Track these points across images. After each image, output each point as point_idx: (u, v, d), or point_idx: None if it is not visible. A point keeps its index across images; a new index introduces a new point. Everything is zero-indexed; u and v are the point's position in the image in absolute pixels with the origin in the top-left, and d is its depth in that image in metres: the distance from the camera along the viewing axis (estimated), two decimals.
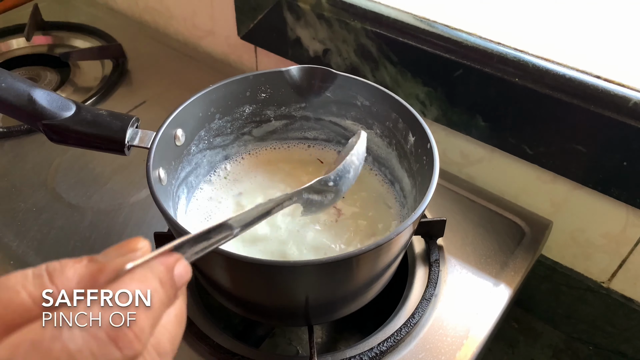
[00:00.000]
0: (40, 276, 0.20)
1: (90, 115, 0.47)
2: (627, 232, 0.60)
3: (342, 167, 0.45)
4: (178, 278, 0.23)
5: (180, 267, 0.23)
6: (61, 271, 0.20)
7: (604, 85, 0.52)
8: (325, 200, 0.45)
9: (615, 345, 0.70)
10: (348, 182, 0.46)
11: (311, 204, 0.44)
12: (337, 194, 0.45)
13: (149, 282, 0.21)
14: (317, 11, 0.68)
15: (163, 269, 0.22)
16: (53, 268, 0.20)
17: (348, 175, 0.45)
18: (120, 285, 0.20)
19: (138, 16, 1.02)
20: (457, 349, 0.52)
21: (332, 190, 0.45)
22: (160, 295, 0.21)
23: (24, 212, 0.64)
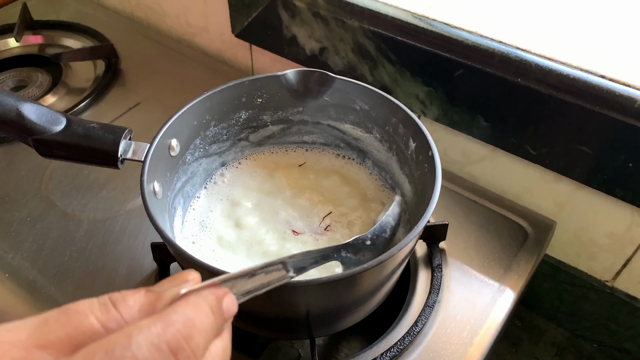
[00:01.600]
0: (105, 304, 0.22)
1: (82, 129, 0.45)
2: (632, 232, 0.60)
3: (379, 227, 0.47)
4: (226, 310, 0.25)
5: (228, 300, 0.25)
6: (123, 300, 0.23)
7: (609, 85, 0.51)
8: (362, 258, 0.45)
9: (619, 343, 0.70)
10: (385, 242, 0.47)
11: (350, 262, 0.44)
12: (375, 253, 0.45)
13: (201, 307, 0.23)
14: (313, 9, 0.66)
15: (213, 298, 0.24)
16: (116, 298, 0.23)
17: (385, 235, 0.47)
18: (176, 307, 0.22)
19: (130, 13, 1.00)
20: (462, 357, 0.51)
21: (369, 249, 0.45)
22: (210, 321, 0.23)
23: (18, 223, 0.63)
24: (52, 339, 0.21)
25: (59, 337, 0.21)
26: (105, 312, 0.22)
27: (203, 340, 0.22)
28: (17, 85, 0.86)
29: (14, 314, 0.55)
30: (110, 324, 0.22)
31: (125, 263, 0.59)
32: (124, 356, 0.20)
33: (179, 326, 0.21)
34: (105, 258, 0.59)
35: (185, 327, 0.22)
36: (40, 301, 0.56)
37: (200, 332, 0.22)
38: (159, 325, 0.21)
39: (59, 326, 0.21)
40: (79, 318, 0.22)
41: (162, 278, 0.55)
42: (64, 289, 0.57)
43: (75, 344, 0.21)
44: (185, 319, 0.22)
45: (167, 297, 0.23)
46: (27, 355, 0.20)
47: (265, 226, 0.53)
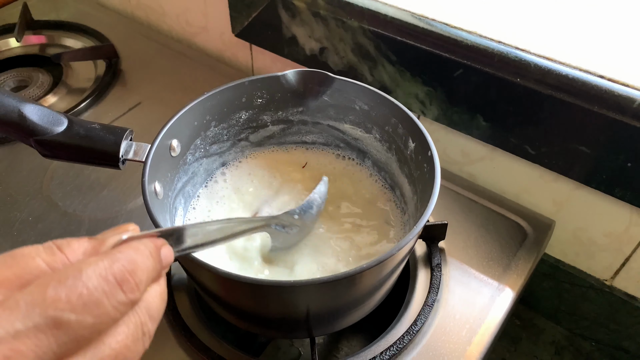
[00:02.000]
0: (50, 247, 0.24)
1: (83, 130, 0.46)
2: (630, 231, 0.60)
3: (307, 203, 0.49)
4: (164, 257, 0.26)
5: (166, 250, 0.27)
6: (68, 244, 0.24)
7: (607, 85, 0.51)
8: (290, 232, 0.47)
9: (617, 342, 0.70)
10: (312, 218, 0.50)
11: (278, 235, 0.47)
12: (302, 228, 0.49)
13: (142, 251, 0.25)
14: (313, 9, 0.66)
15: (152, 245, 0.26)
16: (60, 242, 0.24)
17: (311, 211, 0.49)
18: (120, 248, 0.24)
19: (130, 12, 1.00)
20: (461, 356, 0.52)
21: (296, 223, 0.47)
22: (150, 262, 0.25)
23: (20, 222, 0.64)
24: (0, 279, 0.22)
25: (7, 276, 0.22)
26: (51, 254, 0.23)
27: (144, 277, 0.24)
28: (18, 85, 0.86)
29: None
30: (56, 264, 0.23)
31: None
32: (75, 285, 0.21)
33: (124, 262, 0.23)
34: None
35: (129, 263, 0.23)
36: None
37: (142, 270, 0.24)
38: (105, 261, 0.23)
39: (6, 267, 0.22)
40: (26, 260, 0.23)
41: None
42: None
43: (23, 283, 0.22)
44: (129, 257, 0.24)
45: (109, 242, 0.25)
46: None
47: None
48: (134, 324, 0.24)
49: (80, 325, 0.21)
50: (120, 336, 0.23)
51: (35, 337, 0.20)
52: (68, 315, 0.21)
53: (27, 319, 0.20)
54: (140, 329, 0.24)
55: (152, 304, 0.25)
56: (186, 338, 0.52)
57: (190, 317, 0.54)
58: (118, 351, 0.23)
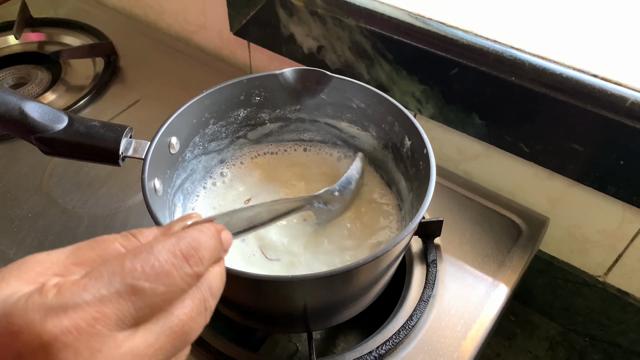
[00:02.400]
0: (125, 235, 0.27)
1: (83, 127, 0.46)
2: (623, 228, 0.61)
3: (345, 179, 0.50)
4: (224, 240, 0.29)
5: (225, 234, 0.29)
6: (140, 232, 0.27)
7: (601, 84, 0.52)
8: (333, 208, 0.49)
9: (611, 337, 0.71)
10: (351, 193, 0.52)
11: (321, 212, 0.49)
12: (343, 203, 0.51)
13: (206, 232, 0.27)
14: (311, 8, 0.67)
15: (214, 229, 0.28)
16: (134, 231, 0.27)
17: (350, 187, 0.51)
18: (186, 230, 0.27)
19: (128, 10, 1.01)
20: (456, 350, 0.52)
21: (338, 199, 0.50)
22: (213, 242, 0.27)
23: (20, 219, 0.64)
24: (85, 259, 0.25)
25: (91, 257, 0.25)
26: (127, 240, 0.27)
27: (207, 254, 0.26)
28: (17, 82, 0.86)
29: None
30: (131, 247, 0.26)
31: None
32: (148, 258, 0.24)
33: (189, 240, 0.26)
34: None
35: (194, 241, 0.26)
36: None
37: (205, 248, 0.26)
38: (173, 239, 0.25)
39: (89, 249, 0.26)
40: (106, 244, 0.26)
41: None
42: None
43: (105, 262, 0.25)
44: (194, 236, 0.26)
45: (176, 227, 0.28)
46: (65, 270, 0.25)
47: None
48: (198, 299, 0.26)
49: (153, 292, 0.23)
50: (187, 309, 0.25)
51: (117, 301, 0.23)
52: (143, 283, 0.23)
53: (110, 286, 0.23)
54: (203, 304, 0.26)
55: (213, 282, 0.27)
56: None
57: None
58: (184, 322, 0.25)
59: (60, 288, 0.23)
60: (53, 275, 0.24)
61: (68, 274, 0.24)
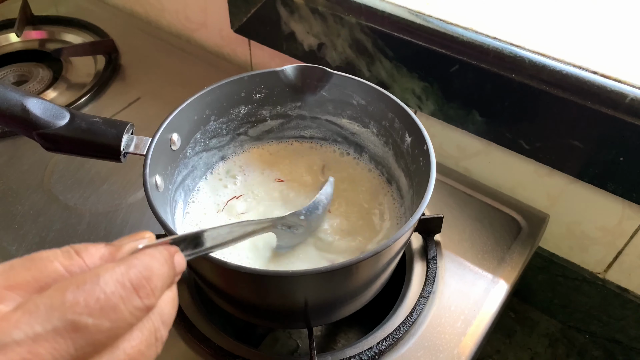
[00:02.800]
0: (68, 252, 0.24)
1: (85, 124, 0.46)
2: (622, 225, 0.61)
3: (312, 204, 0.49)
4: (177, 264, 0.27)
5: (179, 257, 0.27)
6: (85, 249, 0.25)
7: (600, 81, 0.52)
8: (296, 233, 0.48)
9: (610, 334, 0.72)
10: (317, 218, 0.50)
11: (283, 235, 0.47)
12: (308, 228, 0.50)
13: (157, 258, 0.25)
14: (311, 5, 0.67)
15: (167, 252, 0.26)
16: (78, 247, 0.25)
17: (317, 212, 0.50)
18: (137, 255, 0.25)
19: (129, 8, 1.01)
20: (455, 346, 0.53)
21: (302, 223, 0.48)
22: (165, 269, 0.25)
23: (21, 216, 0.64)
24: (19, 281, 0.22)
25: (26, 279, 0.23)
26: (68, 259, 0.24)
27: (160, 283, 0.24)
28: (18, 80, 0.87)
29: None
30: (73, 268, 0.24)
31: None
32: (93, 290, 0.22)
33: (140, 268, 0.24)
34: None
35: (145, 269, 0.24)
36: None
37: (157, 276, 0.24)
38: (122, 267, 0.23)
39: (24, 270, 0.23)
40: (44, 263, 0.23)
41: None
42: None
43: (41, 285, 0.23)
44: (145, 264, 0.24)
45: (125, 249, 0.26)
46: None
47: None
48: (147, 329, 0.24)
49: (97, 329, 0.21)
50: (135, 341, 0.23)
51: (53, 340, 0.20)
52: (86, 319, 0.21)
53: (47, 323, 0.20)
54: (154, 335, 0.24)
55: (165, 310, 0.25)
56: (186, 329, 0.53)
57: (190, 309, 0.55)
58: (132, 356, 0.23)
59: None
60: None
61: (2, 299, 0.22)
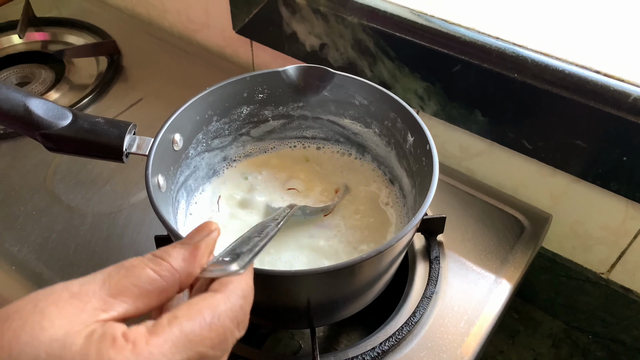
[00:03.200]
0: (153, 259, 0.27)
1: (87, 124, 0.46)
2: (626, 224, 0.61)
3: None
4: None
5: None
6: (167, 254, 0.27)
7: (603, 80, 0.52)
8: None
9: (614, 334, 0.71)
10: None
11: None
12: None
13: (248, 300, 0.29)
14: (313, 6, 0.67)
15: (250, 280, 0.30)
16: (160, 253, 0.27)
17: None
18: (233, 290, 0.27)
19: (131, 9, 1.01)
20: (459, 346, 0.53)
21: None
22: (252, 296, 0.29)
23: (24, 216, 0.64)
24: (121, 288, 0.25)
25: (126, 286, 0.25)
26: (157, 264, 0.26)
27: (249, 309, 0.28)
28: (21, 81, 0.87)
29: None
30: (163, 272, 0.26)
31: (129, 256, 0.58)
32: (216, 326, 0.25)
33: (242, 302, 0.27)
34: (110, 251, 0.61)
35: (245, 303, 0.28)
36: None
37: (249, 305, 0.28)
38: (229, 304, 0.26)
39: (122, 278, 0.25)
40: (138, 270, 0.26)
41: None
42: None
43: (141, 291, 0.25)
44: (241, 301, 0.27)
45: (202, 247, 0.28)
46: (105, 305, 0.24)
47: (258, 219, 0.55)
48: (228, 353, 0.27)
49: (214, 358, 0.25)
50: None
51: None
52: (212, 352, 0.25)
53: (184, 353, 0.24)
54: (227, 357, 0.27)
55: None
56: None
57: None
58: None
59: (134, 345, 0.23)
60: (93, 310, 0.24)
61: (109, 308, 0.24)
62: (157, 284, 0.26)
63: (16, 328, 0.22)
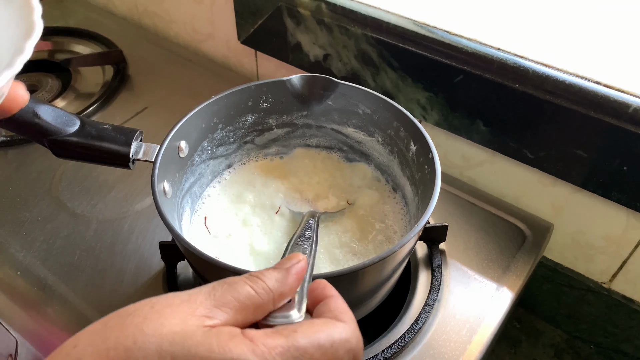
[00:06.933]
0: (251, 277, 0.29)
1: (95, 130, 0.47)
2: (627, 234, 0.61)
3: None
4: None
5: None
6: (263, 275, 0.30)
7: (604, 91, 0.53)
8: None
9: (616, 345, 0.71)
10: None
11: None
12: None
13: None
14: (317, 17, 0.68)
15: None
16: (256, 274, 0.30)
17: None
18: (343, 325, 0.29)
19: (137, 20, 1.02)
20: (460, 354, 0.53)
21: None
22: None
23: (30, 222, 0.65)
24: (224, 301, 0.28)
25: (228, 299, 0.28)
26: (255, 282, 0.29)
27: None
28: (28, 89, 0.87)
29: (26, 309, 0.57)
30: (259, 290, 0.29)
31: (133, 262, 0.60)
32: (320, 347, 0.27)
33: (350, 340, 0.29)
34: (114, 257, 0.61)
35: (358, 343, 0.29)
36: (50, 298, 0.57)
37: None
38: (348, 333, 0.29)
39: (224, 292, 0.28)
40: (239, 286, 0.28)
41: (170, 277, 0.57)
42: (73, 286, 0.58)
43: (241, 305, 0.28)
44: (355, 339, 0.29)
45: (292, 272, 0.31)
46: (210, 312, 0.27)
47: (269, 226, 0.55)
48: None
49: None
50: None
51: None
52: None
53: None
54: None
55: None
56: None
57: None
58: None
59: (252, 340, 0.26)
60: (201, 315, 0.26)
61: (214, 316, 0.27)
62: (255, 300, 0.28)
63: (137, 323, 0.26)
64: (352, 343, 0.28)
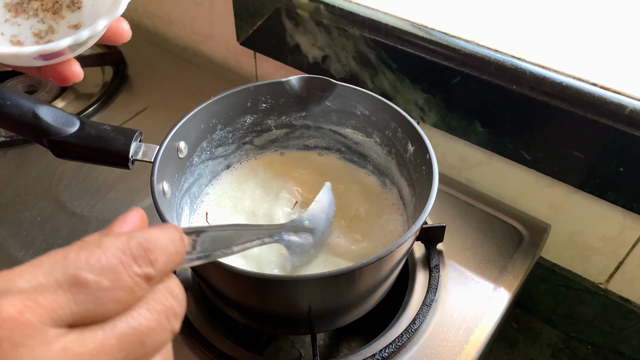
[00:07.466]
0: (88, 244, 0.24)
1: (94, 131, 0.47)
2: (624, 235, 0.61)
3: (313, 206, 0.48)
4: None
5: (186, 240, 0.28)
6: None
7: (600, 92, 0.53)
8: (305, 241, 0.46)
9: (613, 345, 0.72)
10: (324, 225, 0.49)
11: (294, 248, 0.46)
12: (315, 234, 0.48)
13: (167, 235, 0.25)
14: (316, 18, 0.68)
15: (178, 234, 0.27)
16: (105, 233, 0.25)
17: (321, 216, 0.49)
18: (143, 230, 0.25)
19: (137, 21, 1.03)
20: (458, 354, 0.53)
21: (308, 230, 0.47)
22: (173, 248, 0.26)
23: (29, 222, 0.65)
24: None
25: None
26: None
27: (163, 258, 0.24)
28: (27, 90, 0.88)
29: None
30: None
31: None
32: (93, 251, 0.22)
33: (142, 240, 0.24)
34: None
35: (147, 241, 0.24)
36: None
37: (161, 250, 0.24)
38: (124, 237, 0.24)
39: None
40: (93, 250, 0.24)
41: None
42: None
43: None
44: (148, 237, 0.24)
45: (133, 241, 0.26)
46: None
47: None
48: (156, 307, 0.24)
49: (97, 285, 0.22)
50: (143, 316, 0.23)
51: (54, 291, 0.21)
52: (86, 274, 0.21)
53: (49, 275, 0.21)
54: (164, 314, 0.24)
55: (175, 291, 0.25)
56: (191, 335, 0.53)
57: (195, 315, 0.55)
58: (139, 330, 0.23)
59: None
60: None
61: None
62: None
63: None
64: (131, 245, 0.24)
